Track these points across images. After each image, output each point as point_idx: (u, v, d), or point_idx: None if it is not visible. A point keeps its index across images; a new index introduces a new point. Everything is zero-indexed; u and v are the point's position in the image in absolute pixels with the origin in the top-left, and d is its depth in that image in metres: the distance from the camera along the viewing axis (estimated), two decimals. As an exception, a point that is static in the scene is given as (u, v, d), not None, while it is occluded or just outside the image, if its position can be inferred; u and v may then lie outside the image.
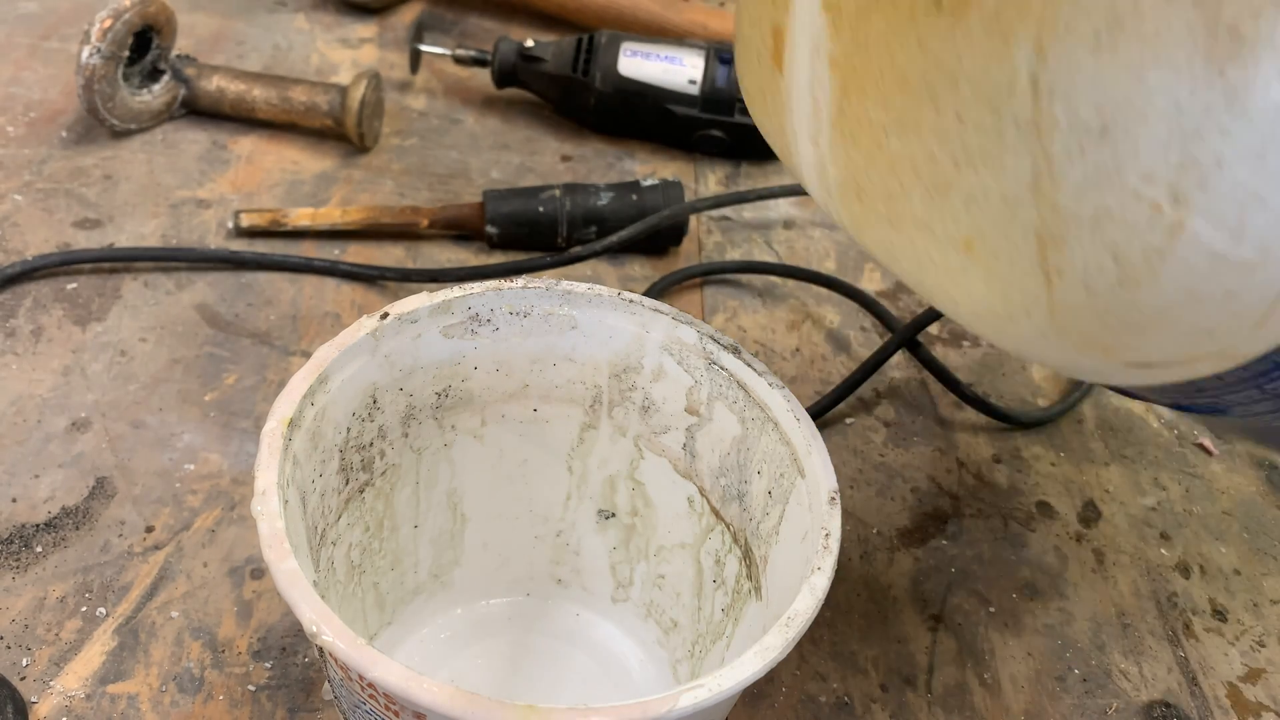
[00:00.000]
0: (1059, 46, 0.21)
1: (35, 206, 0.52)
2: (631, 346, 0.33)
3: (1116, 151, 0.21)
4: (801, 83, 0.28)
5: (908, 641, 0.39)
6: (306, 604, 0.23)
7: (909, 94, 0.23)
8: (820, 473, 0.28)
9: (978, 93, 0.22)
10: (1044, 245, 0.23)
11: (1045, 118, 0.21)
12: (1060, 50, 0.21)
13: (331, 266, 0.51)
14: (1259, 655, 0.40)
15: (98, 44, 0.53)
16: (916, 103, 0.23)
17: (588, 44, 0.62)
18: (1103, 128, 0.21)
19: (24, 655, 0.34)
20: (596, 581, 0.37)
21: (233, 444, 0.42)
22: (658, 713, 0.22)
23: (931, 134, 0.23)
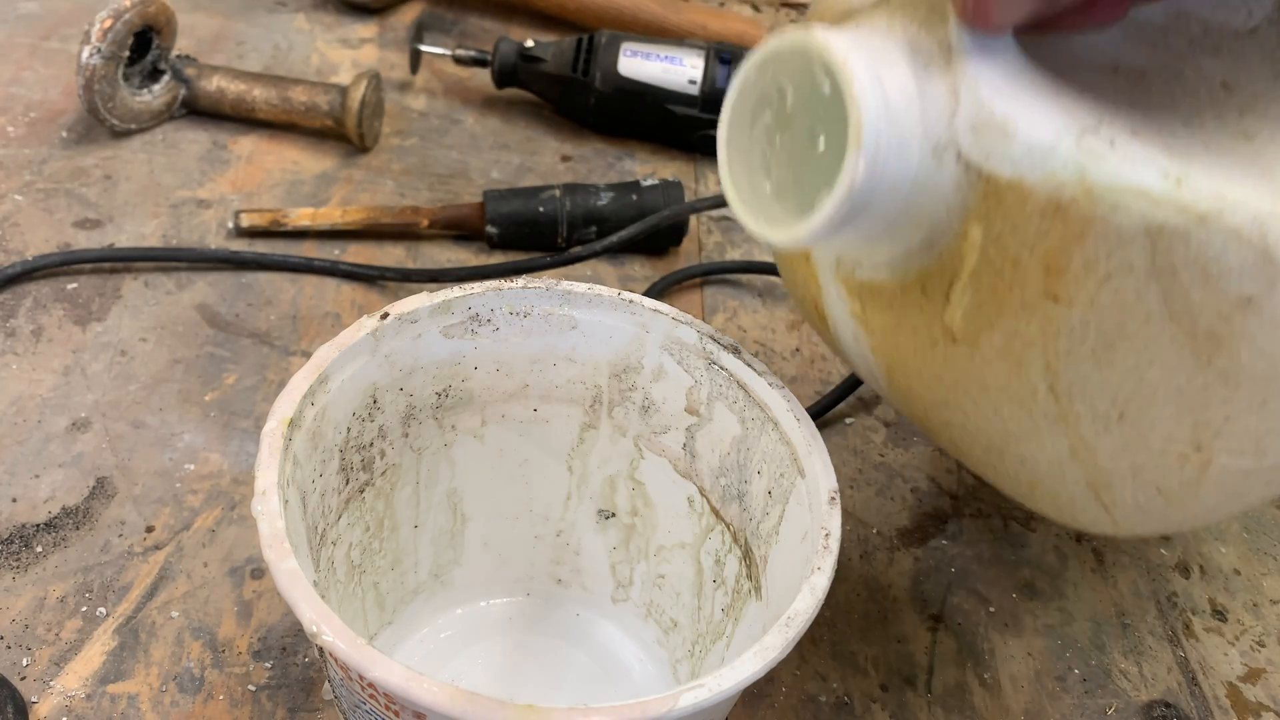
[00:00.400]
0: (1065, 365, 0.23)
1: (35, 206, 0.52)
2: (631, 346, 0.33)
3: (1138, 428, 0.24)
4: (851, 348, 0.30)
5: (908, 641, 0.39)
6: (306, 604, 0.23)
7: (947, 389, 0.26)
8: (820, 473, 0.28)
9: (1006, 397, 0.25)
10: (1095, 489, 0.26)
11: (1069, 413, 0.24)
12: (1067, 367, 0.23)
13: (332, 266, 0.51)
14: (1259, 655, 0.40)
15: (98, 44, 0.53)
16: (955, 395, 0.26)
17: (588, 44, 0.62)
18: (1120, 414, 0.24)
19: (24, 655, 0.34)
20: (596, 581, 0.37)
21: (233, 444, 0.42)
22: (658, 713, 0.22)
23: (975, 416, 0.26)
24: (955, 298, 0.24)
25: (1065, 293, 0.23)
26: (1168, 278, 0.22)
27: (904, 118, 0.23)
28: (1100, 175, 0.22)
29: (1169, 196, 0.21)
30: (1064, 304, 0.23)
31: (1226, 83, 0.23)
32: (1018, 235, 0.23)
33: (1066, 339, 0.23)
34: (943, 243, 0.24)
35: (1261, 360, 0.22)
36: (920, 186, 0.23)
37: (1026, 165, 0.22)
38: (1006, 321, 0.24)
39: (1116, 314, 0.22)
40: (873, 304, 0.27)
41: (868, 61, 0.22)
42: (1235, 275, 0.21)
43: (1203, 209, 0.21)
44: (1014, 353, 0.24)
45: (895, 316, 0.27)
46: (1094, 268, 0.22)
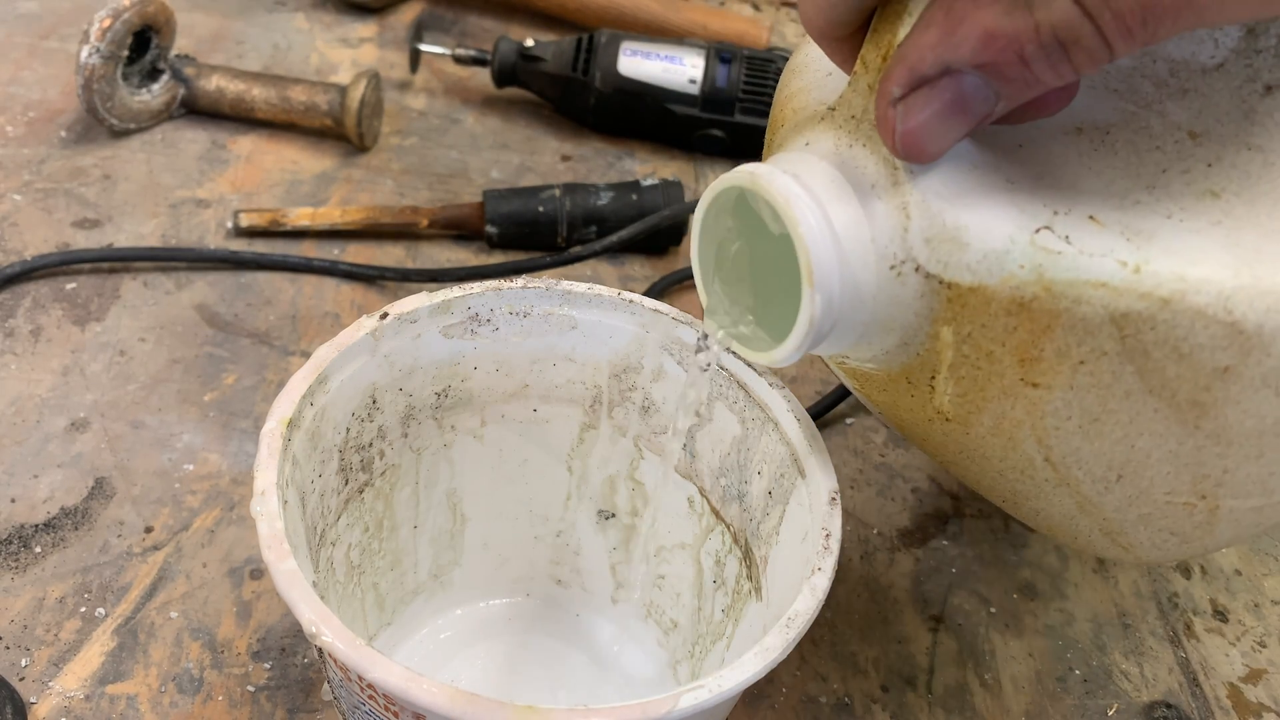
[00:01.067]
0: (1055, 439, 0.24)
1: (34, 206, 0.52)
2: (631, 346, 0.33)
3: (1138, 486, 0.24)
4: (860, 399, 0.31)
5: (908, 642, 0.38)
6: (306, 604, 0.23)
7: (952, 455, 0.27)
8: (820, 473, 0.28)
9: (1006, 465, 0.26)
10: (1110, 535, 0.26)
11: (1069, 478, 0.25)
12: (1058, 441, 0.24)
13: (331, 266, 0.51)
14: (1260, 656, 0.40)
15: (97, 44, 0.53)
16: (961, 461, 0.27)
17: (588, 44, 0.62)
18: (1118, 476, 0.24)
19: (23, 656, 0.34)
20: (596, 582, 0.37)
21: (232, 444, 0.42)
22: (658, 713, 0.22)
23: (984, 479, 0.27)
24: (939, 387, 0.25)
25: (1043, 379, 0.23)
26: (1140, 358, 0.22)
27: (854, 246, 0.23)
28: (1058, 272, 0.22)
29: (1129, 285, 0.22)
30: (1043, 389, 0.23)
31: (1194, 132, 0.23)
32: (987, 333, 0.23)
33: (1052, 418, 0.24)
34: (916, 343, 0.25)
35: (1250, 419, 0.23)
36: (884, 300, 0.24)
37: (984, 271, 0.23)
38: (991, 406, 0.24)
39: (1096, 394, 0.23)
40: (868, 384, 0.28)
41: (813, 201, 0.23)
42: (1207, 350, 0.22)
43: (1165, 293, 0.21)
44: (1005, 431, 0.25)
45: (890, 397, 0.27)
46: (1066, 355, 0.23)
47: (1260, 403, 0.22)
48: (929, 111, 0.22)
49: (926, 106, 0.22)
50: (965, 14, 0.20)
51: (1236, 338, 0.21)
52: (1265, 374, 0.22)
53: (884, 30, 0.23)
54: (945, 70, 0.21)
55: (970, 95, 0.21)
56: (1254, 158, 0.23)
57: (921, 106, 0.22)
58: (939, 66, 0.21)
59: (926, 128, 0.22)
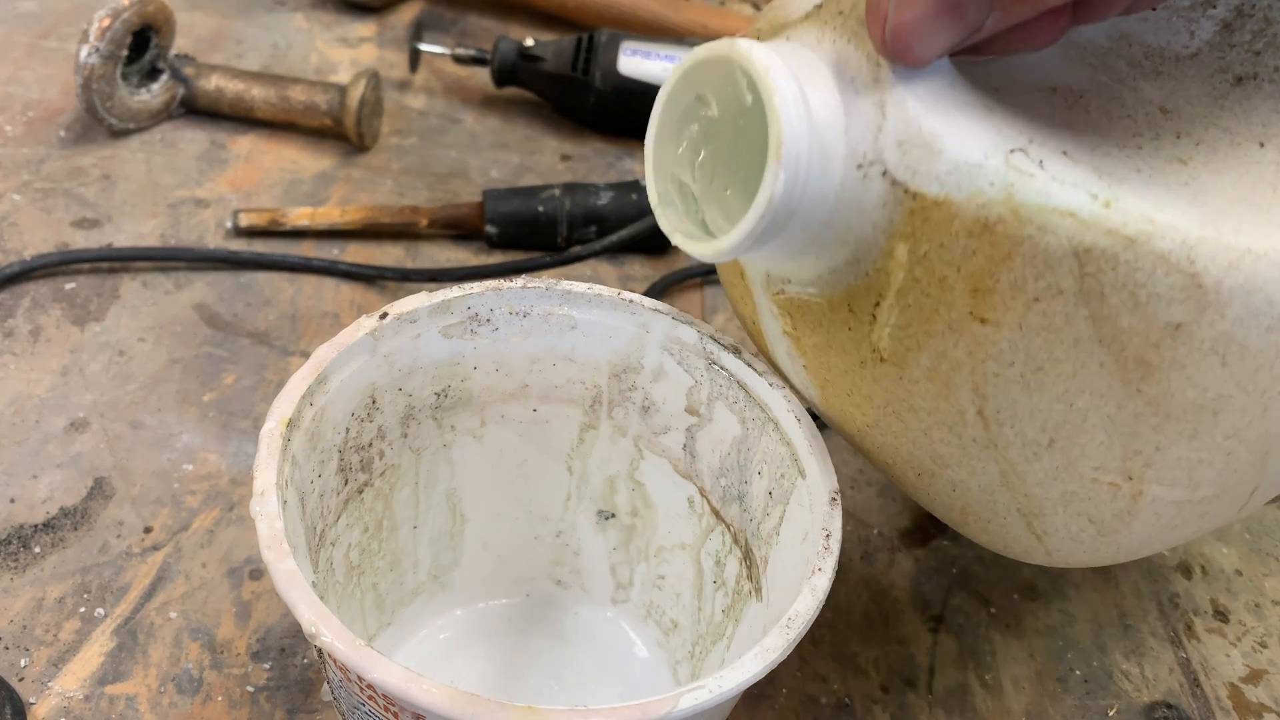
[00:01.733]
0: (993, 388, 0.23)
1: (33, 206, 0.52)
2: (631, 346, 0.32)
3: (1068, 455, 0.24)
4: (786, 366, 0.30)
5: (909, 642, 0.38)
6: (305, 605, 0.23)
7: (877, 410, 0.26)
8: (821, 473, 0.28)
9: (935, 419, 0.25)
10: (1027, 517, 0.26)
11: (998, 437, 0.24)
12: (995, 391, 0.23)
13: (330, 266, 0.50)
14: (1260, 656, 0.40)
15: (96, 43, 0.53)
16: (886, 417, 0.26)
17: (587, 43, 0.62)
18: (1050, 440, 0.23)
19: (22, 656, 0.34)
20: (596, 582, 0.37)
21: (231, 444, 0.42)
22: (658, 714, 0.22)
23: (906, 439, 0.26)
24: (882, 317, 0.24)
25: (992, 315, 0.22)
26: (1096, 301, 0.22)
27: (828, 131, 0.22)
28: (1028, 195, 0.22)
29: (1098, 218, 0.21)
30: (991, 326, 0.23)
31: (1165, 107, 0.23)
32: (944, 254, 0.23)
33: (995, 362, 0.23)
34: (868, 261, 0.24)
35: (1191, 389, 0.22)
36: (844, 202, 0.23)
37: (953, 183, 0.22)
38: (934, 343, 0.24)
39: (1045, 337, 0.22)
40: (803, 322, 0.27)
41: (791, 74, 0.22)
42: (1164, 301, 0.21)
43: (1131, 232, 0.21)
44: (941, 374, 0.24)
45: (825, 336, 0.26)
46: (1022, 289, 0.22)
47: (1205, 371, 0.22)
48: (923, 7, 0.21)
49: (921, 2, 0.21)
50: None
51: (1194, 291, 0.21)
52: (1215, 338, 0.22)
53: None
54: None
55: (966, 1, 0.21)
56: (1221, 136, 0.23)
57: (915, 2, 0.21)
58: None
59: (918, 24, 0.21)
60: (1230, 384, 0.22)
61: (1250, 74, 0.23)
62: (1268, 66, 0.23)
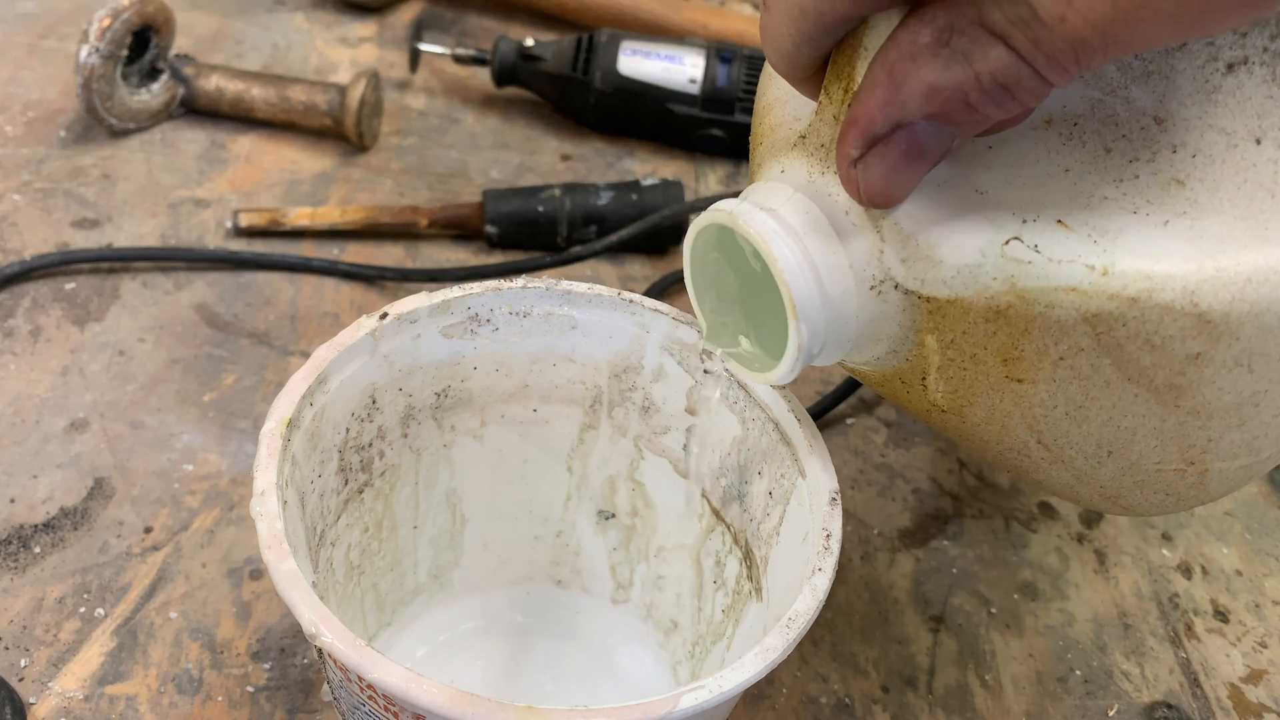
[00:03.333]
0: (1044, 425, 0.25)
1: (33, 206, 0.52)
2: (631, 346, 0.32)
3: (1128, 459, 0.26)
4: None
5: (909, 642, 0.38)
6: (306, 605, 0.23)
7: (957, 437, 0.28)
8: (821, 473, 0.28)
9: (1004, 448, 0.27)
10: (1110, 499, 0.28)
11: (1062, 455, 0.26)
12: (1047, 426, 0.25)
13: (330, 266, 0.50)
14: (1261, 656, 0.40)
15: (96, 43, 0.53)
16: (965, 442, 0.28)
17: (587, 43, 0.62)
18: (1109, 453, 0.25)
19: (22, 656, 0.34)
20: (596, 582, 0.37)
21: (231, 444, 0.42)
22: (658, 714, 0.22)
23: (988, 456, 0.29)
24: (931, 385, 0.26)
25: (1026, 375, 0.24)
26: (1116, 351, 0.23)
27: (833, 274, 0.24)
28: (1029, 281, 0.23)
29: (1098, 288, 0.22)
30: (1028, 384, 0.25)
31: (1159, 116, 0.24)
32: (969, 339, 0.24)
33: (1039, 408, 0.25)
34: (904, 351, 0.26)
35: (1226, 395, 0.24)
36: (867, 318, 0.25)
37: (959, 284, 0.24)
38: (982, 400, 0.26)
39: (1078, 385, 0.24)
40: (868, 380, 0.29)
41: (788, 236, 0.24)
42: (1178, 340, 0.23)
43: (1133, 292, 0.22)
44: (997, 420, 0.26)
45: (890, 391, 0.28)
46: (1045, 354, 0.24)
47: (1235, 380, 0.23)
48: (888, 165, 0.23)
49: (884, 161, 0.23)
50: (906, 73, 0.21)
51: (1204, 327, 0.22)
52: (1236, 355, 0.23)
53: (843, 65, 0.24)
54: (896, 125, 0.22)
55: (925, 141, 0.22)
56: (1218, 140, 0.23)
57: (879, 162, 0.23)
58: (890, 124, 0.22)
59: (888, 179, 0.23)
60: (1263, 382, 0.24)
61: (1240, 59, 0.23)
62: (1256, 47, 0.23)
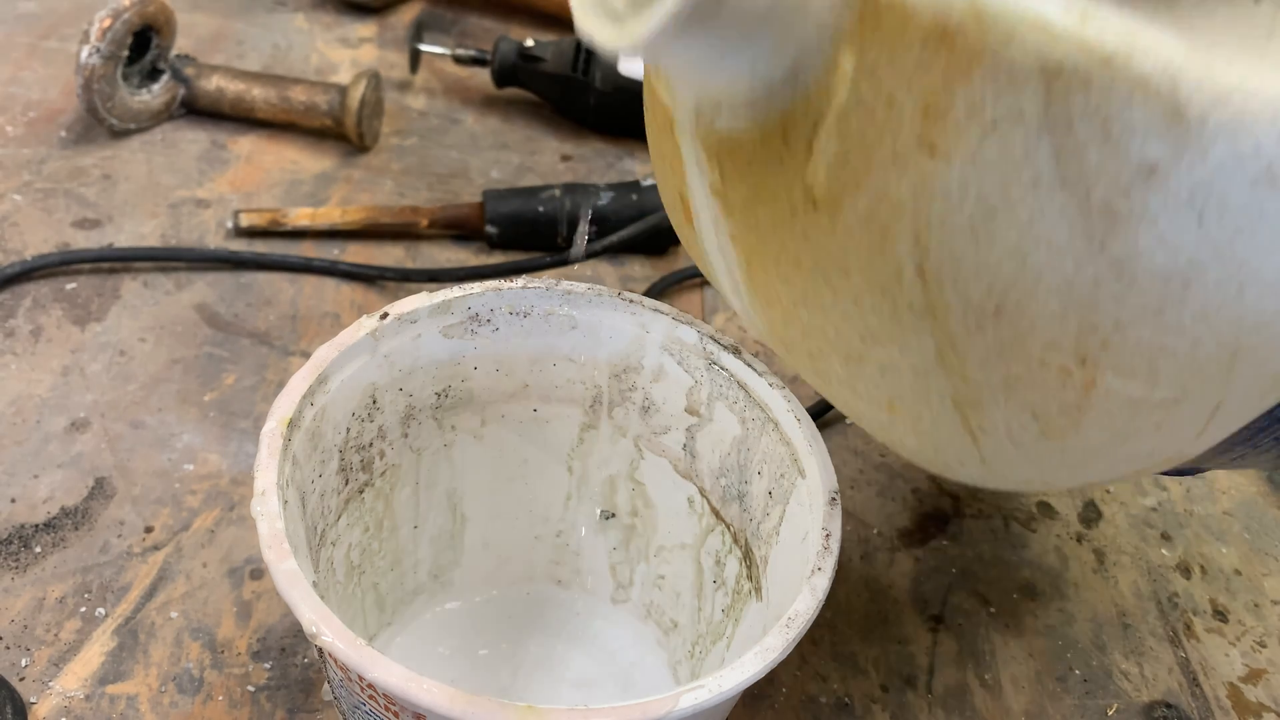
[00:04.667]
0: (937, 237, 0.21)
1: (34, 206, 0.52)
2: (631, 346, 0.33)
3: (1015, 327, 0.21)
4: (712, 246, 0.28)
5: (908, 642, 0.38)
6: (306, 604, 0.23)
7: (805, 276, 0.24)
8: (821, 473, 0.28)
9: (868, 281, 0.22)
10: (962, 409, 0.23)
11: (938, 302, 0.21)
12: (940, 241, 0.21)
13: (331, 266, 0.51)
14: (1260, 656, 0.40)
15: (97, 44, 0.53)
16: (814, 285, 0.23)
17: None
18: (997, 307, 0.21)
19: (23, 656, 0.34)
20: (596, 582, 0.37)
21: (232, 444, 0.42)
22: (658, 713, 0.22)
23: (834, 312, 0.23)
24: (819, 145, 0.22)
25: (943, 142, 0.20)
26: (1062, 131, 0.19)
27: None
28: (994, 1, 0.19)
29: (1072, 31, 0.19)
30: (941, 158, 0.20)
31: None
32: (895, 67, 0.20)
33: (941, 202, 0.20)
34: (809, 74, 0.21)
35: (1161, 250, 0.20)
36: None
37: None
38: (874, 179, 0.21)
39: (1000, 174, 0.20)
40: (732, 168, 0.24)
41: None
42: (1139, 134, 0.19)
43: (1109, 49, 0.19)
44: (880, 220, 0.21)
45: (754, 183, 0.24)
46: (979, 112, 0.19)
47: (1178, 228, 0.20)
48: None
49: None
50: None
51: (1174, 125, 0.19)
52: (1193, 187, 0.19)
53: None
54: None
55: None
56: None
57: None
58: None
59: None
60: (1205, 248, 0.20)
61: None
62: None
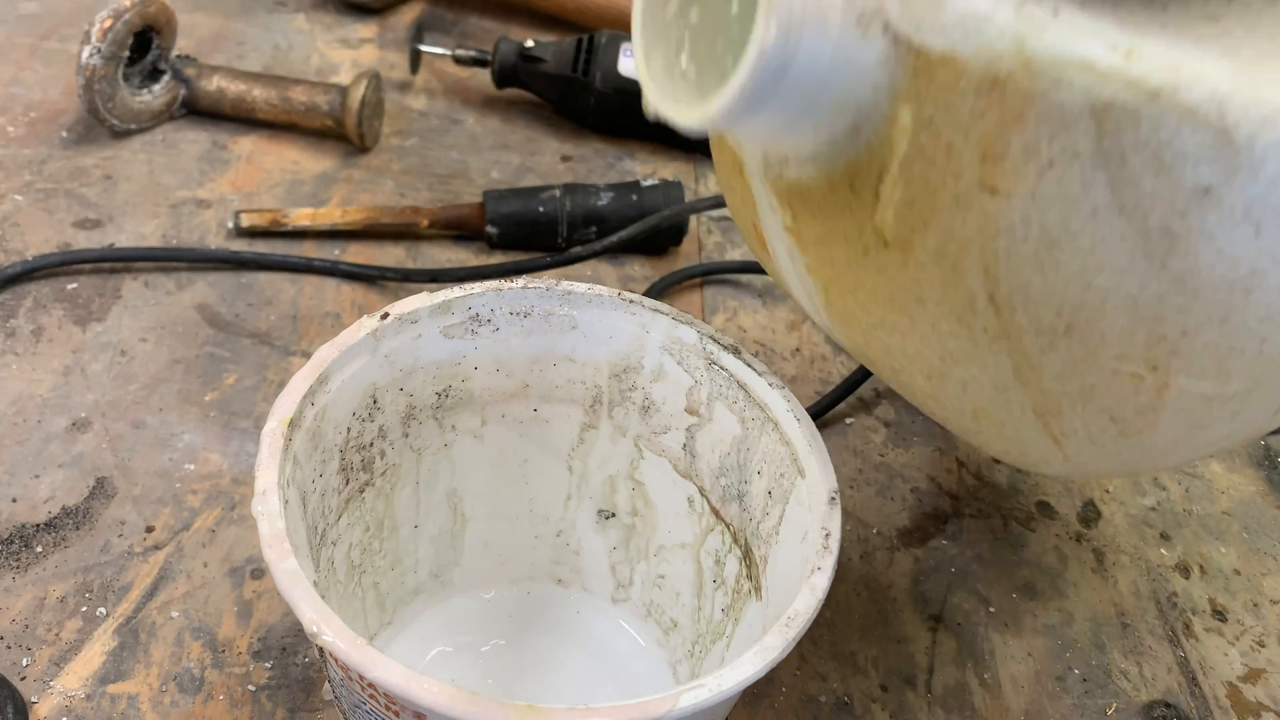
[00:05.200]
0: (1005, 269, 0.21)
1: (35, 206, 0.52)
2: (631, 346, 0.33)
3: (1086, 343, 0.22)
4: (789, 273, 0.28)
5: (908, 641, 0.39)
6: (307, 604, 0.23)
7: (882, 305, 0.24)
8: (820, 473, 0.28)
9: (943, 310, 0.23)
10: (1043, 417, 0.24)
11: (1011, 325, 0.22)
12: (1007, 271, 0.22)
13: (332, 266, 0.51)
14: (1259, 655, 0.40)
15: (98, 44, 0.53)
16: (891, 312, 0.24)
17: (588, 44, 0.62)
18: (1067, 327, 0.22)
19: (24, 655, 0.34)
20: (596, 581, 0.37)
21: (233, 444, 0.42)
22: (658, 713, 0.22)
23: (912, 336, 0.24)
24: (885, 193, 0.22)
25: (1003, 183, 0.21)
26: (1116, 165, 0.20)
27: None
28: (1041, 46, 0.20)
29: (1117, 70, 0.19)
30: (1002, 196, 0.21)
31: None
32: (951, 117, 0.21)
33: (1006, 237, 0.21)
34: (870, 129, 0.22)
35: (1221, 263, 0.20)
36: (843, 61, 0.21)
37: (960, 36, 0.20)
38: (940, 219, 0.22)
39: (1060, 208, 0.21)
40: (803, 211, 0.25)
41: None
42: (1191, 161, 0.20)
43: (1155, 84, 0.19)
44: (949, 256, 0.22)
45: (826, 224, 0.24)
46: (1035, 153, 0.20)
47: (1237, 241, 0.20)
48: None
49: None
50: None
51: (1225, 149, 0.20)
52: (1248, 203, 0.20)
53: None
54: None
55: None
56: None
57: None
58: None
59: None
60: (1265, 257, 0.21)
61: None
62: None
